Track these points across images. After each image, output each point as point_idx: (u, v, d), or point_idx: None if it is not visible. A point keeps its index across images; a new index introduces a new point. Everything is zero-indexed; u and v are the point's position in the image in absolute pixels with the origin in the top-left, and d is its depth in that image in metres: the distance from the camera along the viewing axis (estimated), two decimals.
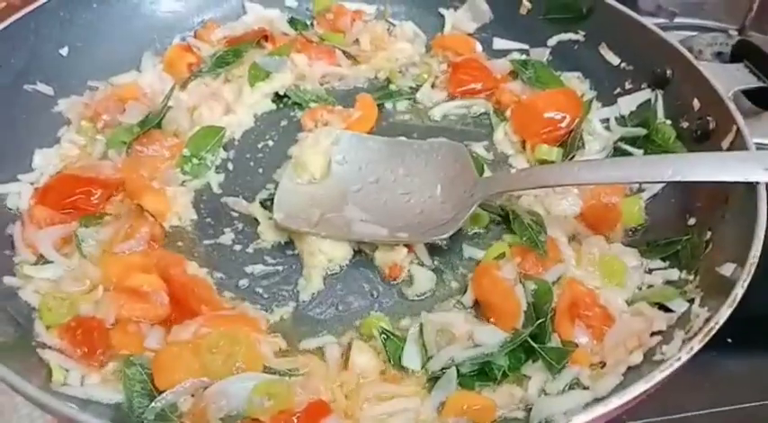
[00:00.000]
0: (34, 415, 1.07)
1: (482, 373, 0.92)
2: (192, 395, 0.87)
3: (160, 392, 0.86)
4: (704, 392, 1.11)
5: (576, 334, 0.95)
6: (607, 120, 1.28)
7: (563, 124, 1.24)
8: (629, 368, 0.88)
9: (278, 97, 1.35)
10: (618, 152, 1.23)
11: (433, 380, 0.91)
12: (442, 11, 1.49)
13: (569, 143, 1.22)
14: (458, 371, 0.91)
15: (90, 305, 0.97)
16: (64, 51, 1.27)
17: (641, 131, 1.22)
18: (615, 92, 1.30)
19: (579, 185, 1.13)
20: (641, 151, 1.20)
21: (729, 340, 1.13)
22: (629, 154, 1.21)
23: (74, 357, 0.92)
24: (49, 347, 0.93)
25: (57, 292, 0.99)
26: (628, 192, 1.17)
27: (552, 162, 1.21)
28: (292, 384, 0.87)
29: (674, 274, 1.02)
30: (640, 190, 1.17)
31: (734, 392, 1.11)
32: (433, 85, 1.39)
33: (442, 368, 0.91)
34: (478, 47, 1.45)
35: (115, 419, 0.83)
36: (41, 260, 1.05)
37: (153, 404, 0.85)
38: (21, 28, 1.21)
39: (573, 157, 1.20)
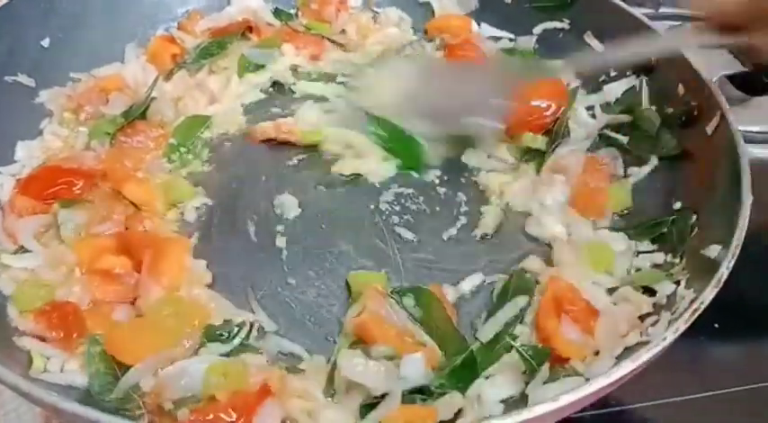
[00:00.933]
0: (21, 410, 1.05)
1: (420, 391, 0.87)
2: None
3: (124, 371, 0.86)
4: (692, 377, 1.11)
5: (564, 330, 0.93)
6: (592, 107, 1.28)
7: (548, 112, 1.23)
8: (625, 349, 0.88)
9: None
10: (603, 139, 1.23)
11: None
12: None
13: (555, 131, 1.22)
14: None
15: (65, 290, 0.96)
16: (45, 42, 1.26)
17: (626, 118, 1.22)
18: (600, 79, 1.30)
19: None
20: (627, 138, 1.20)
21: (716, 325, 1.13)
22: (615, 141, 1.21)
23: (51, 342, 0.91)
24: (26, 334, 0.92)
25: (33, 279, 0.99)
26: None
27: (537, 150, 1.21)
28: (247, 365, 0.87)
29: (660, 257, 1.03)
30: (626, 175, 1.17)
31: (721, 377, 1.11)
32: None
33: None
34: (475, 26, 1.45)
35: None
36: (21, 250, 1.03)
37: (118, 385, 0.85)
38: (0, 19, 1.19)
39: (558, 144, 1.20)
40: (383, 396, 0.84)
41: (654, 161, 1.15)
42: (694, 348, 1.13)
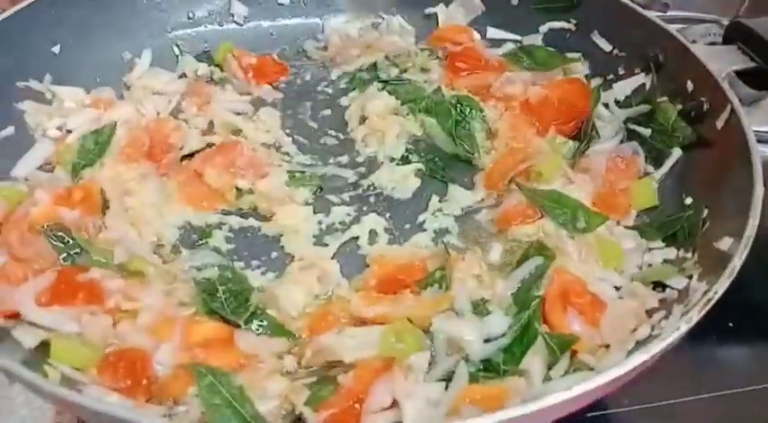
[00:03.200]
0: (34, 414, 1.06)
1: (486, 369, 0.89)
2: None
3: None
4: (705, 376, 1.09)
5: (569, 322, 0.93)
6: (607, 105, 1.27)
7: (575, 113, 1.23)
8: (636, 344, 0.87)
9: None
10: (630, 134, 1.22)
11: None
12: (432, 9, 1.48)
13: (582, 132, 1.21)
14: None
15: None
16: (56, 49, 1.26)
17: (645, 108, 1.21)
18: (609, 77, 1.30)
19: None
20: (649, 131, 1.19)
21: (730, 324, 1.12)
22: (641, 136, 1.19)
23: (116, 392, 0.84)
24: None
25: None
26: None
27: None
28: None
29: (672, 252, 1.02)
30: (648, 172, 1.16)
31: (735, 376, 1.10)
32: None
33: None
34: (476, 35, 1.44)
35: None
36: None
37: None
38: (10, 25, 1.19)
39: (587, 146, 1.19)
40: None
41: (677, 153, 1.14)
42: (708, 347, 1.11)
